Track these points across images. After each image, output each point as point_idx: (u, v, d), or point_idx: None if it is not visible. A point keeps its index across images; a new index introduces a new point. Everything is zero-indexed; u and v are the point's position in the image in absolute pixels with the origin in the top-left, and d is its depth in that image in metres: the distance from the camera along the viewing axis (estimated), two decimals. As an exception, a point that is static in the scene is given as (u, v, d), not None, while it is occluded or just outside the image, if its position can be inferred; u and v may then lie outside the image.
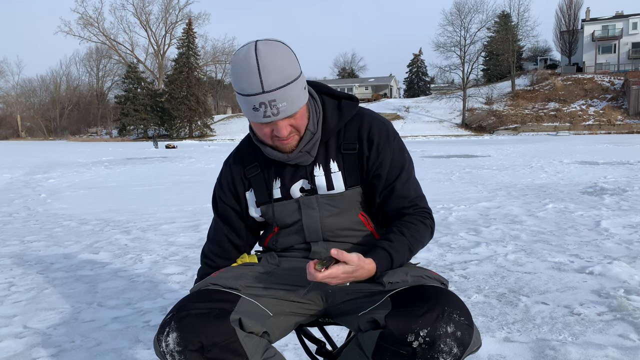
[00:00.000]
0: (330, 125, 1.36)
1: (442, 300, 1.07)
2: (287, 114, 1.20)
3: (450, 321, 1.03)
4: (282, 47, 1.20)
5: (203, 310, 1.13)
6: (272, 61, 1.16)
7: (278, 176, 1.38)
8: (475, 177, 9.76)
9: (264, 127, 1.25)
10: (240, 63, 1.17)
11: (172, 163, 16.59)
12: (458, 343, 1.03)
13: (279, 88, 1.16)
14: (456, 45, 58.62)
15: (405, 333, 1.03)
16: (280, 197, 1.37)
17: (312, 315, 1.34)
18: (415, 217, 1.34)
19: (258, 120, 1.22)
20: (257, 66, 1.15)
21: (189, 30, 63.45)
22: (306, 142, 1.32)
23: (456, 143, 31.80)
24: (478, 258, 3.72)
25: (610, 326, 2.42)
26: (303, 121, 1.28)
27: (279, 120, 1.22)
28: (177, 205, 6.73)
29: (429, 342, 1.02)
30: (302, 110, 1.27)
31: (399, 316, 1.06)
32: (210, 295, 1.20)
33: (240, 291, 1.24)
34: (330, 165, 1.36)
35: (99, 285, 3.28)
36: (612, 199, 6.44)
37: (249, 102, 1.19)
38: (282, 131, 1.23)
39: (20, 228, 5.39)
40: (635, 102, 48.32)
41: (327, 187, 1.35)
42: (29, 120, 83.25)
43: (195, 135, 61.44)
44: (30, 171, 13.65)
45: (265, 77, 1.15)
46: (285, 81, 1.17)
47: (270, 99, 1.16)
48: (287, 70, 1.18)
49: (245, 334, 1.12)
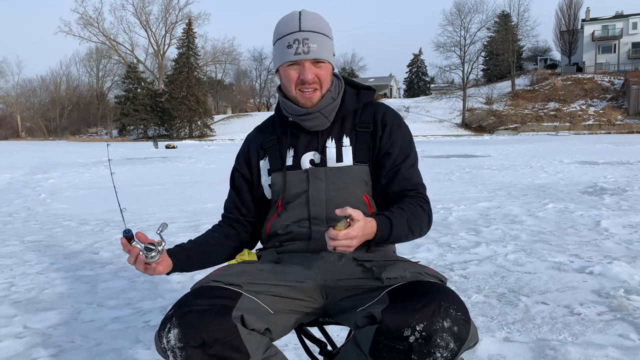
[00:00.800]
0: (349, 105, 1.47)
1: (439, 295, 1.08)
2: (316, 56, 1.34)
3: (447, 316, 1.03)
4: (324, 18, 1.42)
5: (205, 306, 1.13)
6: (313, 16, 1.38)
7: (292, 146, 1.46)
8: (475, 177, 9.76)
9: (292, 71, 1.36)
10: (284, 17, 1.38)
11: (172, 163, 16.60)
12: (455, 338, 1.03)
13: (314, 31, 1.34)
14: (456, 45, 58.65)
15: (401, 327, 1.03)
16: (292, 165, 1.44)
17: (312, 313, 1.35)
18: (415, 199, 1.41)
19: (289, 58, 1.34)
20: (299, 15, 1.36)
21: (189, 30, 63.44)
22: (326, 104, 1.42)
23: (456, 143, 31.80)
24: (478, 258, 3.72)
25: (610, 326, 2.42)
26: (327, 77, 1.40)
27: (306, 63, 1.34)
28: (177, 205, 6.73)
29: (426, 336, 1.02)
30: (328, 67, 1.39)
31: (396, 311, 1.06)
32: (211, 291, 1.20)
33: (242, 287, 1.24)
34: (343, 139, 1.45)
35: (99, 285, 3.28)
36: (612, 199, 6.44)
37: (284, 42, 1.34)
38: (307, 73, 1.34)
39: (20, 228, 5.39)
40: (635, 102, 48.32)
41: (337, 158, 1.42)
42: (29, 120, 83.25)
43: (195, 135, 61.44)
44: (30, 171, 13.65)
45: (304, 20, 1.35)
46: (320, 30, 1.36)
47: (304, 37, 1.33)
48: (323, 26, 1.38)
49: (248, 331, 1.12)
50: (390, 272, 1.23)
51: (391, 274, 1.23)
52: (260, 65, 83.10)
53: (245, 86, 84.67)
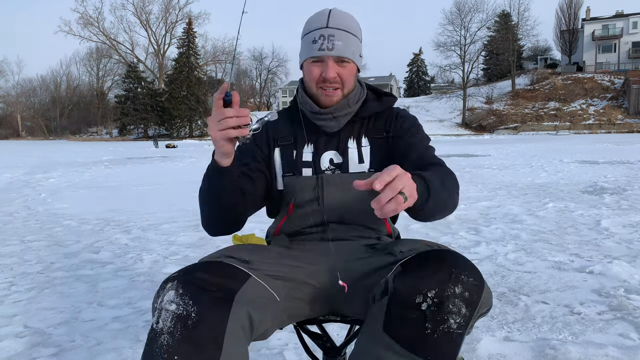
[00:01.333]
0: (370, 107, 1.47)
1: (450, 261, 1.06)
2: (339, 53, 1.33)
3: (459, 282, 1.02)
4: (354, 17, 1.41)
5: (209, 284, 1.08)
6: (342, 13, 1.38)
7: (311, 142, 1.44)
8: (475, 177, 9.76)
9: (315, 68, 1.36)
10: (315, 14, 1.38)
11: (172, 162, 16.59)
12: (467, 303, 1.01)
13: (340, 29, 1.34)
14: (456, 45, 58.71)
15: (413, 294, 1.02)
16: (309, 162, 1.42)
17: (318, 303, 1.30)
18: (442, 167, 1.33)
19: (313, 53, 1.33)
20: (329, 12, 1.37)
21: (189, 29, 63.46)
22: (341, 108, 1.40)
23: (456, 142, 31.79)
24: (478, 257, 3.72)
25: (611, 325, 2.42)
26: (350, 78, 1.38)
27: (329, 61, 1.33)
28: (177, 205, 6.73)
29: (437, 303, 1.00)
30: (352, 68, 1.38)
31: (407, 277, 1.05)
32: (220, 268, 1.15)
33: (252, 266, 1.21)
34: (362, 140, 1.44)
35: (99, 284, 3.28)
36: (612, 198, 6.44)
37: (310, 37, 1.34)
38: (329, 72, 1.33)
39: (21, 228, 5.39)
40: (636, 101, 48.31)
41: (359, 160, 1.42)
42: (29, 119, 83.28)
43: (196, 134, 61.45)
44: (30, 171, 13.65)
45: (332, 16, 1.35)
46: (347, 28, 1.35)
47: (330, 33, 1.32)
48: (352, 25, 1.37)
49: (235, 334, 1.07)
50: (403, 246, 1.22)
51: (404, 247, 1.22)
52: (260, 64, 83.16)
53: (246, 86, 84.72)
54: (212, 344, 1.03)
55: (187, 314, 1.04)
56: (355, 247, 1.35)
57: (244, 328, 1.10)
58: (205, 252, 3.95)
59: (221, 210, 1.35)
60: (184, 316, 1.04)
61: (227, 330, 1.06)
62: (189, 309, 1.04)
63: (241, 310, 1.09)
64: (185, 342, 1.02)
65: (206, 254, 1.45)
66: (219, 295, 1.08)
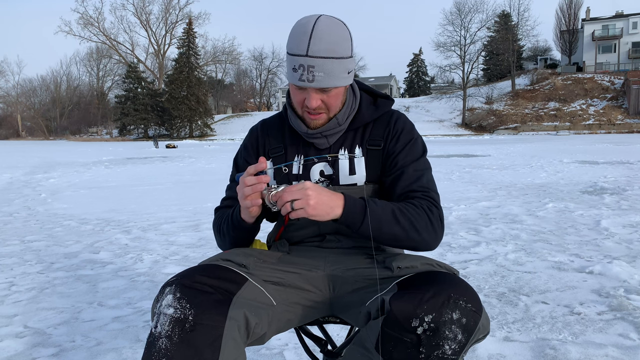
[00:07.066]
0: (365, 115, 1.42)
1: (449, 286, 1.05)
2: (321, 85, 1.25)
3: (456, 307, 1.01)
4: (341, 27, 1.27)
5: (207, 287, 1.10)
6: (326, 33, 1.23)
7: (302, 154, 1.42)
8: (475, 177, 9.76)
9: (298, 93, 1.31)
10: (299, 26, 1.25)
11: (172, 163, 16.59)
12: (463, 330, 1.00)
13: (321, 57, 1.22)
14: (456, 45, 58.66)
15: (410, 318, 1.01)
16: (300, 175, 1.40)
17: (316, 308, 1.31)
18: (419, 201, 1.30)
19: (294, 81, 1.28)
20: (311, 32, 1.22)
21: (189, 30, 63.45)
22: (330, 128, 1.37)
23: (456, 142, 31.79)
24: (478, 257, 3.72)
25: (610, 325, 2.42)
26: (336, 103, 1.33)
27: (311, 91, 1.28)
28: (177, 205, 6.73)
29: (434, 328, 0.99)
30: (338, 92, 1.32)
31: (404, 299, 1.03)
32: (218, 271, 1.17)
33: (249, 270, 1.22)
34: (356, 150, 1.40)
35: (99, 284, 3.28)
36: (612, 199, 6.44)
37: (292, 62, 1.26)
38: (311, 102, 1.29)
39: (21, 228, 5.39)
40: (636, 101, 48.30)
41: (349, 171, 1.38)
42: (29, 120, 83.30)
43: (196, 135, 61.45)
44: (30, 171, 13.65)
45: (313, 43, 1.22)
46: (329, 54, 1.23)
47: (310, 64, 1.23)
48: (336, 47, 1.24)
49: (232, 336, 1.07)
50: (401, 262, 1.21)
51: (402, 263, 1.20)
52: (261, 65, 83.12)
53: (246, 86, 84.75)
54: (209, 347, 1.05)
55: (185, 318, 1.05)
56: (352, 257, 1.35)
57: (241, 331, 1.10)
58: (205, 252, 3.97)
59: (237, 245, 1.44)
60: (181, 320, 1.04)
61: (225, 333, 1.06)
62: (187, 313, 1.05)
63: (238, 314, 1.10)
64: (183, 346, 1.03)
65: (206, 254, 1.48)
66: (217, 298, 1.09)
